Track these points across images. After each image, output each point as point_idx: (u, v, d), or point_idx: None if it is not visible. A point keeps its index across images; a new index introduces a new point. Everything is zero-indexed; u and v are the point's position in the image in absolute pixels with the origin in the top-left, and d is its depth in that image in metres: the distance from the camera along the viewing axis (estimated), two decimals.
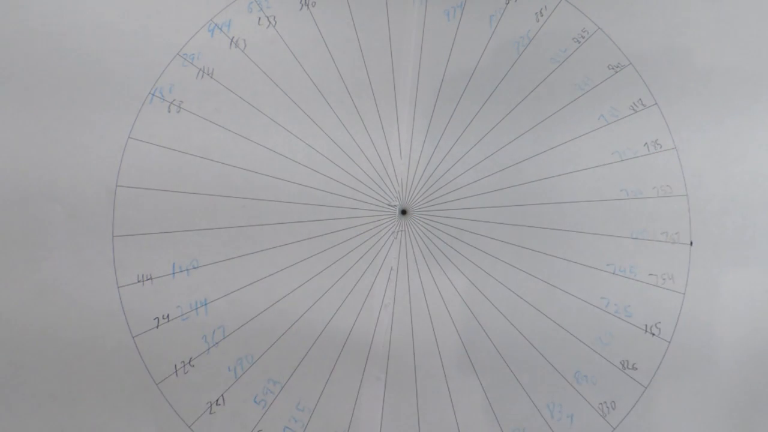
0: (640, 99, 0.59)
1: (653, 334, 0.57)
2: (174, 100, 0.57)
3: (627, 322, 0.57)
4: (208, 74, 0.58)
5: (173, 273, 0.55)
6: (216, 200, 0.56)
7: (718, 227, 0.58)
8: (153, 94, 0.57)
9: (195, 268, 0.55)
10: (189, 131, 0.57)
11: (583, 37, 0.60)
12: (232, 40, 0.58)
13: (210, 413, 0.54)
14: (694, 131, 0.59)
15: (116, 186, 0.55)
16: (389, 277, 0.58)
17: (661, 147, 0.59)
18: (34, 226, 0.54)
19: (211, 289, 0.55)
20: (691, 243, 0.57)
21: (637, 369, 0.56)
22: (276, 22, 0.59)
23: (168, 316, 0.54)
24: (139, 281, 0.54)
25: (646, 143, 0.59)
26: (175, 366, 0.54)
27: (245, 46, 0.58)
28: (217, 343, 0.55)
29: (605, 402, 0.56)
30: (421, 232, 0.59)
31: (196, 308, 0.55)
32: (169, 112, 0.57)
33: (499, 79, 0.60)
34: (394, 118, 0.59)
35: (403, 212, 0.59)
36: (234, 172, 0.57)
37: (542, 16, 0.61)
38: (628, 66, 0.60)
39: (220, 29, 0.58)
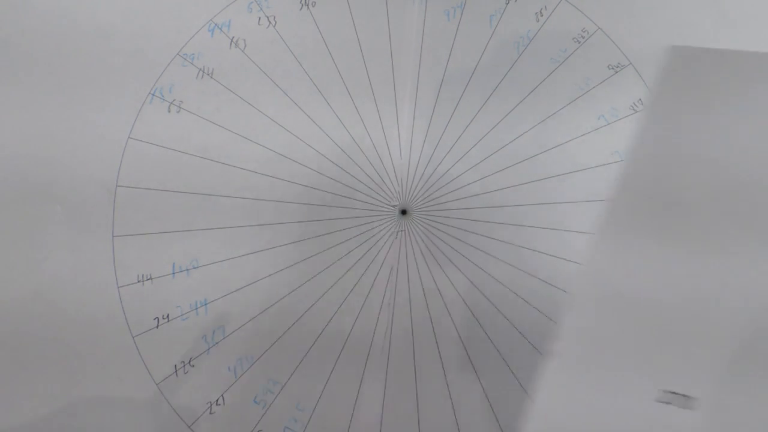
0: (640, 99, 0.59)
1: None
2: (174, 100, 0.57)
3: None
4: (208, 74, 0.58)
5: (173, 273, 0.55)
6: (216, 200, 0.56)
7: None
8: (153, 94, 0.57)
9: (195, 268, 0.55)
10: (189, 131, 0.57)
11: (583, 37, 0.60)
12: (232, 40, 0.58)
13: (210, 413, 0.54)
14: None
15: (116, 186, 0.55)
16: (389, 277, 0.58)
17: None
18: (34, 226, 0.54)
19: (211, 289, 0.55)
20: None
21: None
22: (276, 22, 0.59)
23: (168, 316, 0.54)
24: (139, 281, 0.54)
25: None
26: (175, 366, 0.54)
27: (245, 46, 0.58)
28: (217, 343, 0.55)
29: None
30: (421, 232, 0.59)
31: (196, 308, 0.55)
32: (169, 112, 0.57)
33: (499, 79, 0.60)
34: (394, 118, 0.59)
35: (403, 212, 0.59)
36: (234, 172, 0.57)
37: (542, 16, 0.61)
38: (628, 66, 0.60)
39: (220, 29, 0.58)
